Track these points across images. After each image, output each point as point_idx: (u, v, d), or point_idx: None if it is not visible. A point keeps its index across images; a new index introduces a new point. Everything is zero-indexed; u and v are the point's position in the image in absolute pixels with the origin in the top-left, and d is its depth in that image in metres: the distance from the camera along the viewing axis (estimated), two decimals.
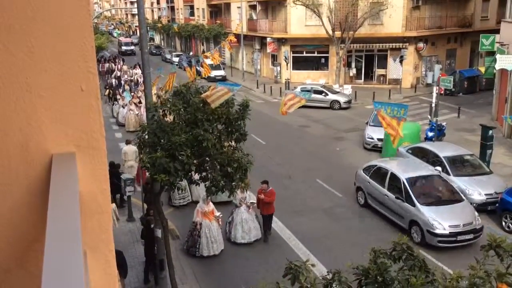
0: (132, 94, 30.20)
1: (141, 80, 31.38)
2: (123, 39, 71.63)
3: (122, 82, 36.08)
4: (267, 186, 13.75)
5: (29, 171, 1.47)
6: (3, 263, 1.45)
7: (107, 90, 33.28)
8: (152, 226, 11.32)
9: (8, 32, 1.40)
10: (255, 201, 13.95)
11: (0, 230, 1.44)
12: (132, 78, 37.71)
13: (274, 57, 43.00)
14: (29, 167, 1.47)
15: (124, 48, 65.95)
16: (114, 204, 12.37)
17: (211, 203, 13.29)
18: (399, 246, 4.82)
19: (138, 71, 38.36)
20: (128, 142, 18.33)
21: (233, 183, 9.57)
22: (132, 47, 66.14)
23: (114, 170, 15.48)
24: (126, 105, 27.50)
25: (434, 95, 21.68)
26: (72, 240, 1.06)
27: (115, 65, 44.44)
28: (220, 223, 13.36)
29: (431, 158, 17.48)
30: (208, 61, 32.87)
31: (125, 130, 26.11)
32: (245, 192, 13.52)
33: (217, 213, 13.30)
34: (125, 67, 43.59)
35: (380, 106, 16.80)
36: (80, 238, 1.07)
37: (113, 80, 36.83)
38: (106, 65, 44.26)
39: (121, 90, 32.69)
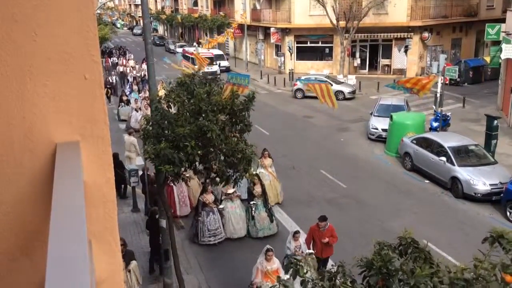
0: (141, 95, 26.69)
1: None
2: (203, 52, 35.71)
3: (130, 79, 31.88)
4: (325, 223, 11.07)
5: (33, 160, 1.46)
6: (8, 252, 1.46)
7: (106, 89, 31.50)
8: (157, 216, 11.36)
9: (11, 20, 1.38)
10: (312, 251, 10.95)
11: (5, 219, 1.44)
12: (139, 75, 33.40)
13: (278, 47, 42.82)
14: (33, 156, 1.46)
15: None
16: (135, 262, 10.29)
17: (275, 259, 10.31)
18: (404, 240, 4.80)
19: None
20: (130, 133, 18.46)
21: (237, 174, 9.58)
22: (215, 69, 35.49)
23: (117, 161, 15.55)
24: (140, 108, 23.95)
25: (439, 85, 21.56)
26: (77, 229, 1.05)
27: (124, 59, 40.41)
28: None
29: (435, 148, 17.44)
30: (202, 50, 32.75)
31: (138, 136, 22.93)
32: (299, 239, 11.02)
33: (284, 276, 10.03)
34: (131, 62, 38.76)
35: (393, 84, 18.13)
36: (85, 227, 1.06)
37: (114, 77, 33.28)
38: (111, 59, 40.50)
39: (127, 90, 29.09)
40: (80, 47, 1.49)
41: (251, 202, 13.46)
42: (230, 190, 13.50)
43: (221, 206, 13.45)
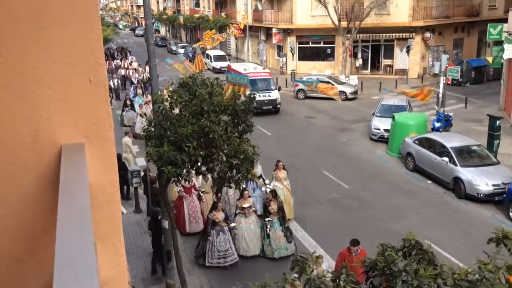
0: (143, 99, 25.21)
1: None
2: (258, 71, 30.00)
3: (134, 81, 31.01)
4: (358, 248, 9.77)
5: (38, 162, 1.47)
6: (14, 253, 1.47)
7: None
8: (159, 217, 11.38)
9: (16, 23, 1.39)
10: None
11: (11, 220, 1.46)
12: (141, 77, 32.08)
13: (279, 48, 42.83)
14: (39, 158, 1.47)
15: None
16: None
17: None
18: (408, 242, 4.79)
19: None
20: (125, 133, 18.46)
21: (239, 175, 9.59)
22: (275, 95, 27.99)
23: (120, 162, 15.59)
24: (145, 113, 20.91)
25: (441, 85, 21.54)
26: (83, 230, 1.06)
27: (126, 61, 39.07)
28: None
29: (438, 149, 17.42)
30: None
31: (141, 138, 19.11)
32: (322, 262, 9.72)
33: None
34: (135, 64, 37.28)
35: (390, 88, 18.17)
36: (91, 229, 1.07)
37: (116, 81, 32.14)
38: (114, 62, 38.72)
39: (131, 93, 27.81)
40: (84, 50, 1.49)
41: (266, 219, 12.46)
42: (246, 204, 12.59)
43: (232, 224, 12.36)
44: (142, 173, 15.32)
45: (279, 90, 28.57)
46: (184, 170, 9.04)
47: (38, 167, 1.47)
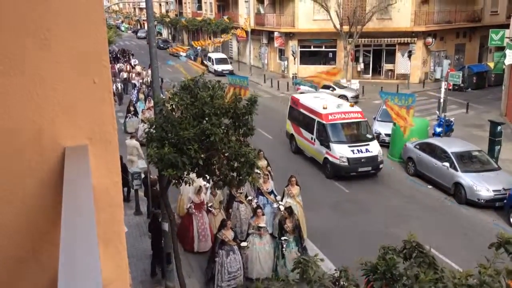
0: (146, 105, 24.08)
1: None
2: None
3: (137, 83, 30.26)
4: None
5: (42, 164, 1.47)
6: (16, 253, 1.47)
7: None
8: (159, 219, 11.36)
9: (21, 25, 1.40)
10: None
11: (14, 221, 1.46)
12: (144, 81, 31.25)
13: (281, 52, 42.87)
14: (42, 160, 1.47)
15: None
16: None
17: None
18: (409, 243, 4.78)
19: None
20: (132, 137, 18.39)
21: (240, 177, 9.59)
22: (374, 150, 18.17)
23: (121, 163, 15.58)
24: (148, 120, 21.47)
25: (443, 90, 21.55)
26: (87, 232, 1.06)
27: (129, 64, 38.21)
28: None
29: (439, 154, 17.41)
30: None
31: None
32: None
33: None
34: (138, 68, 36.14)
35: (387, 96, 17.24)
36: (95, 231, 1.07)
37: (119, 85, 31.04)
38: (117, 65, 37.72)
39: (133, 98, 27.00)
40: (89, 52, 1.50)
41: (282, 238, 11.49)
42: (262, 224, 11.66)
43: (244, 244, 11.49)
44: (142, 175, 15.31)
45: (377, 138, 19.53)
46: (185, 173, 9.05)
47: (42, 168, 1.47)
